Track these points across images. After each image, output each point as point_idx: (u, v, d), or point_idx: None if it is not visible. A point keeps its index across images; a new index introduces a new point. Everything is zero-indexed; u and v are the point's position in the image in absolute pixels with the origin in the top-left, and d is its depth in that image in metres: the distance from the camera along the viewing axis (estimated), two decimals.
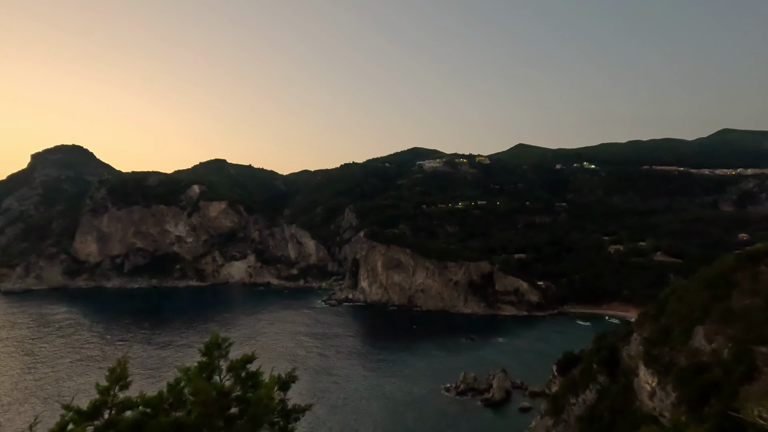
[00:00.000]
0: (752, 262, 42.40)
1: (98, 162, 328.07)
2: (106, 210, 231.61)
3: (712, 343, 39.34)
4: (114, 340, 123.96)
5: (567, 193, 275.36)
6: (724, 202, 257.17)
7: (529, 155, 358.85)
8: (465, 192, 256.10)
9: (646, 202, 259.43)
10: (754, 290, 39.07)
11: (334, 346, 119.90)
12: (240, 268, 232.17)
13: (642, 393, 46.57)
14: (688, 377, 38.65)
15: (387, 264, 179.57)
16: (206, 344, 9.48)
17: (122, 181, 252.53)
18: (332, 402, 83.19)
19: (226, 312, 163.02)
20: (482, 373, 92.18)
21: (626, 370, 52.73)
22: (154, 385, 64.02)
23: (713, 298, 43.03)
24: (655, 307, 54.06)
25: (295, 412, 9.84)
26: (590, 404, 55.22)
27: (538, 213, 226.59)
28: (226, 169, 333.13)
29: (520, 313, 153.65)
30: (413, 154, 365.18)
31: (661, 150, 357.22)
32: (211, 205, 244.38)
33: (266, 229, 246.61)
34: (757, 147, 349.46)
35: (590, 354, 65.29)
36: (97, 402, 7.73)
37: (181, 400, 8.82)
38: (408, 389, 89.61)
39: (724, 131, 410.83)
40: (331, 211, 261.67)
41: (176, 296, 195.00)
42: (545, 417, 63.76)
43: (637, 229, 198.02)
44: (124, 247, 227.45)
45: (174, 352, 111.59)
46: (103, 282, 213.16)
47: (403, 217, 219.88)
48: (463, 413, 79.38)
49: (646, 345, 48.81)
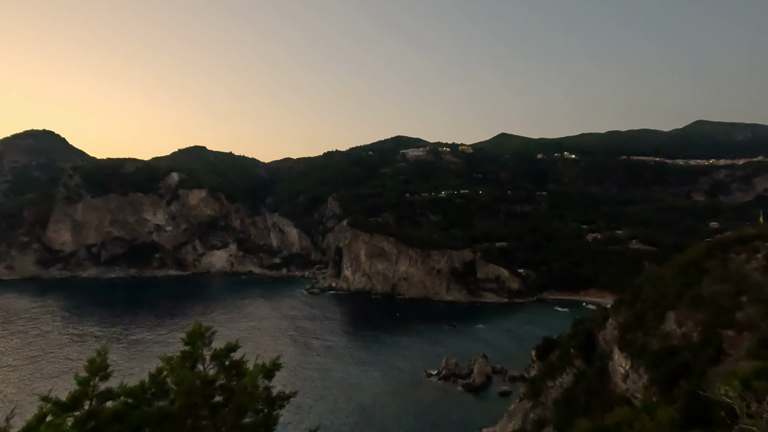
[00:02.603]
0: (722, 250, 44.04)
1: (71, 148, 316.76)
2: (81, 198, 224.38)
3: (682, 327, 40.98)
4: (92, 330, 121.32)
5: (548, 182, 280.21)
6: (697, 191, 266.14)
7: (512, 144, 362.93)
8: (448, 181, 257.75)
9: (624, 191, 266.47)
10: (724, 277, 40.70)
11: (317, 335, 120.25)
12: (221, 257, 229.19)
13: (616, 376, 48.34)
14: (659, 360, 40.23)
15: (370, 252, 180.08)
16: (189, 333, 9.38)
17: (97, 168, 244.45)
18: (316, 389, 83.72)
19: (208, 301, 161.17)
20: (464, 359, 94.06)
21: (602, 354, 54.52)
22: (135, 376, 63.04)
23: (685, 285, 44.64)
24: (630, 293, 55.79)
25: (280, 400, 9.87)
26: (567, 387, 57.02)
27: (520, 202, 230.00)
28: (205, 157, 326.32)
29: (501, 300, 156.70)
30: (397, 142, 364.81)
31: (638, 140, 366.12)
32: (190, 193, 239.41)
33: (248, 217, 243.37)
34: (729, 138, 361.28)
35: (568, 339, 67.16)
36: (76, 393, 7.58)
37: (163, 390, 8.73)
38: (391, 375, 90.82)
39: (699, 122, 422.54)
40: (314, 199, 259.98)
41: (156, 286, 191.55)
42: (524, 400, 65.63)
43: (614, 218, 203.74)
44: (100, 236, 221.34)
45: (155, 343, 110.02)
46: (78, 272, 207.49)
47: (387, 206, 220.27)
48: (445, 398, 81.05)
49: (620, 330, 50.51)
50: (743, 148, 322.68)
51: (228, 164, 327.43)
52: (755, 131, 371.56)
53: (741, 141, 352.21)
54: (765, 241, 40.81)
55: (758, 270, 37.64)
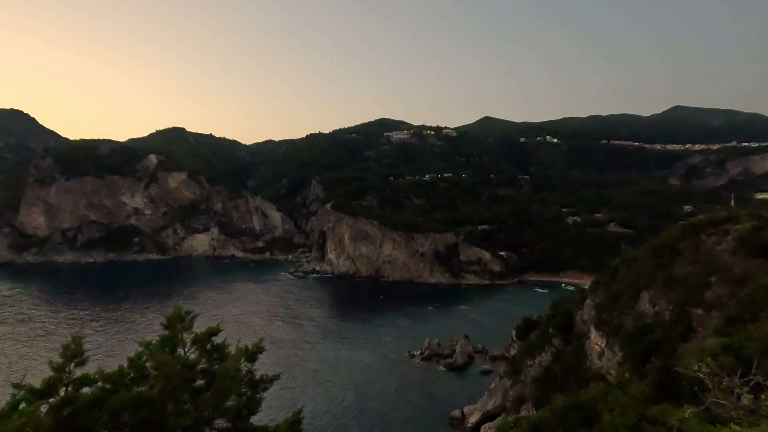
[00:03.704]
0: (694, 233, 45.59)
1: (42, 128, 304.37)
2: (54, 180, 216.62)
3: (655, 306, 42.56)
4: (68, 316, 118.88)
5: (530, 165, 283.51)
6: (673, 175, 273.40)
7: (495, 128, 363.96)
8: (432, 164, 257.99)
9: (603, 175, 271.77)
10: (695, 258, 42.23)
11: (301, 318, 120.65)
12: (203, 240, 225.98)
13: (592, 354, 50.12)
14: (632, 338, 41.85)
15: (354, 236, 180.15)
16: (169, 318, 9.22)
17: (70, 149, 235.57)
18: (301, 371, 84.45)
19: (189, 285, 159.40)
20: (446, 340, 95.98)
21: (579, 333, 56.36)
22: (113, 362, 62.28)
23: (659, 266, 46.18)
24: (607, 274, 57.50)
25: (263, 382, 9.87)
26: (545, 365, 58.94)
27: (502, 185, 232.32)
28: (185, 138, 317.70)
29: (483, 282, 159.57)
30: (381, 125, 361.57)
31: (618, 125, 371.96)
32: (170, 176, 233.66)
33: (230, 200, 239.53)
34: (704, 124, 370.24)
35: (547, 319, 69.16)
36: (51, 379, 7.40)
37: (143, 375, 8.61)
38: (375, 357, 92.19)
39: (677, 108, 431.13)
40: (296, 182, 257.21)
41: (136, 270, 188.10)
42: (504, 378, 67.65)
43: (593, 202, 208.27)
44: (75, 219, 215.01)
45: (134, 328, 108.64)
46: (53, 257, 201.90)
47: (371, 189, 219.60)
48: (428, 377, 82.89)
49: (597, 310, 52.18)
50: (718, 133, 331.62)
51: (208, 146, 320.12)
52: (729, 117, 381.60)
53: (716, 126, 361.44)
54: (735, 224, 42.35)
55: (727, 251, 39.12)
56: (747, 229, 39.48)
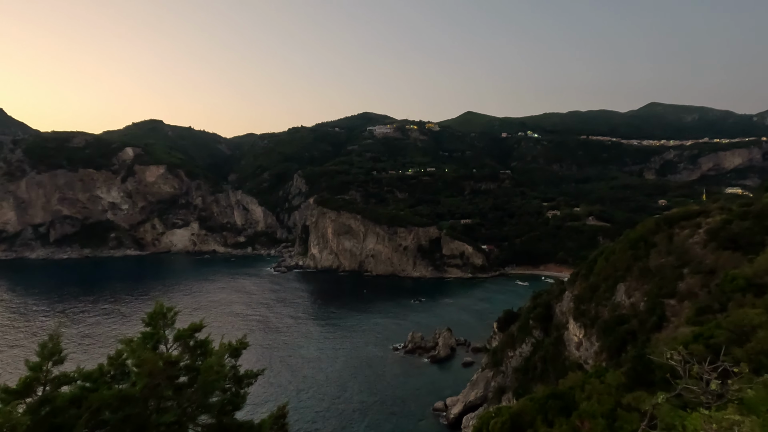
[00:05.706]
0: (668, 226, 47.10)
1: (10, 119, 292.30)
2: (24, 173, 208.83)
3: (631, 297, 43.91)
4: (43, 314, 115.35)
5: (511, 160, 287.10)
6: (648, 170, 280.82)
7: (478, 123, 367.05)
8: (415, 158, 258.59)
9: (582, 170, 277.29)
10: (669, 251, 43.67)
11: (285, 312, 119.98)
12: (183, 236, 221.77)
13: (570, 344, 51.47)
14: (609, 328, 43.13)
15: (338, 230, 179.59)
16: (150, 314, 9.05)
17: (41, 141, 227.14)
18: (284, 366, 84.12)
19: (169, 281, 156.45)
20: (429, 333, 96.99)
21: (558, 324, 57.74)
22: (92, 360, 60.73)
23: (634, 258, 47.57)
24: (585, 267, 58.90)
25: (247, 378, 9.81)
26: (526, 356, 60.24)
27: (484, 180, 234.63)
28: (163, 131, 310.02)
29: (465, 275, 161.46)
30: (364, 119, 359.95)
31: (597, 121, 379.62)
32: (147, 170, 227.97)
33: (210, 195, 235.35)
34: (679, 120, 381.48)
35: (527, 311, 70.55)
36: (27, 379, 7.21)
37: (124, 372, 8.46)
38: (359, 350, 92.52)
39: (653, 104, 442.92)
40: (278, 176, 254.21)
41: (113, 266, 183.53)
42: (486, 369, 68.92)
43: (573, 196, 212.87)
44: (48, 214, 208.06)
45: (113, 325, 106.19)
46: (25, 253, 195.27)
47: (354, 183, 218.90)
48: (411, 370, 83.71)
49: (575, 301, 53.51)
50: (691, 129, 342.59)
51: (187, 139, 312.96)
52: (702, 113, 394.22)
53: (689, 123, 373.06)
54: (706, 218, 43.92)
55: (699, 244, 40.59)
56: (717, 223, 41.01)
